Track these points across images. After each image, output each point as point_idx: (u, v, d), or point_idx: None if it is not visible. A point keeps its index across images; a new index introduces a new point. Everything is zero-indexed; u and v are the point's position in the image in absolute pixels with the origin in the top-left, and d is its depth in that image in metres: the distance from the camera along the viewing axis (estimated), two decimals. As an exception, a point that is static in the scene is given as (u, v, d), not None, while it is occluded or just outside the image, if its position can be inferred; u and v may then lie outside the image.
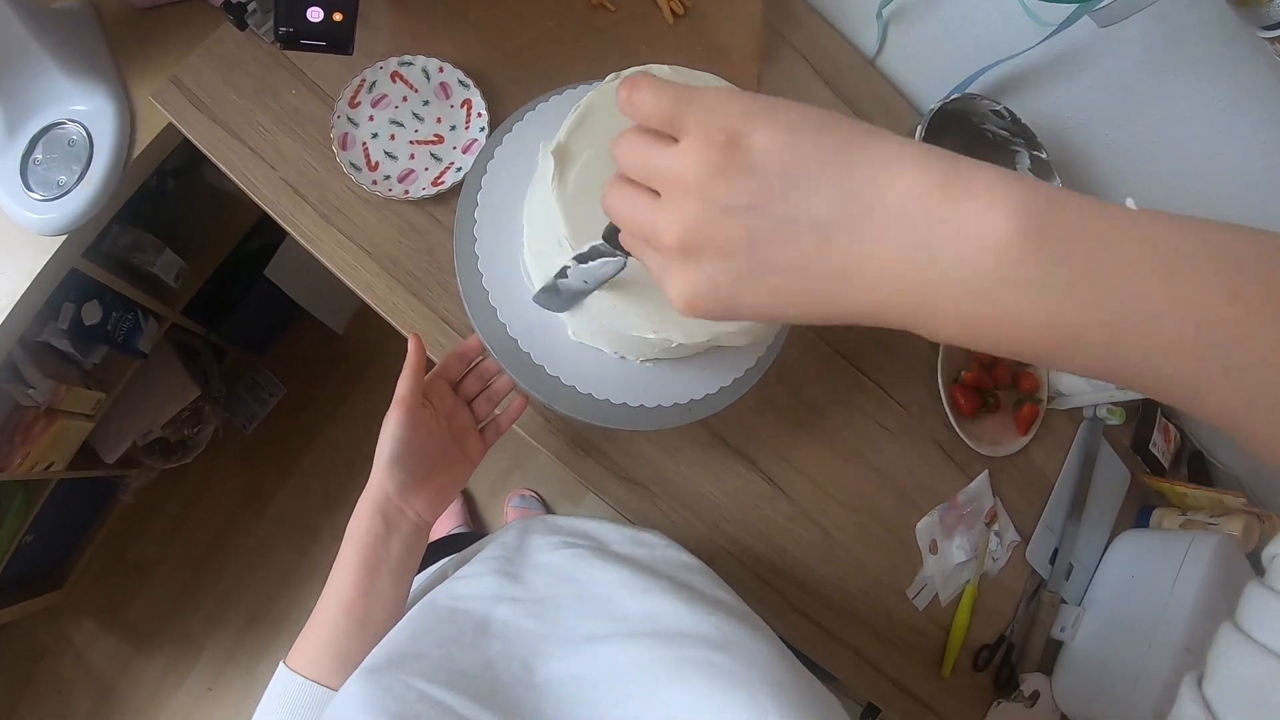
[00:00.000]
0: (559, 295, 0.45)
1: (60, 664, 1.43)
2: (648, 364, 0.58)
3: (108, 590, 1.45)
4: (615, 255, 0.37)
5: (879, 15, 0.81)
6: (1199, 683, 0.27)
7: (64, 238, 0.75)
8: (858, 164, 0.24)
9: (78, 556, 1.44)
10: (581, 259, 0.39)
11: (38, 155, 0.74)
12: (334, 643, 0.43)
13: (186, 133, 0.65)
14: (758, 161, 0.25)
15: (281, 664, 0.43)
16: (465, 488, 1.52)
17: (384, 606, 0.45)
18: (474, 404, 0.56)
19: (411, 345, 0.51)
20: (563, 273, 0.42)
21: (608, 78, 0.52)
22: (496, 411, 0.58)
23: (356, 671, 0.35)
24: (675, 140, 0.27)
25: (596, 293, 0.45)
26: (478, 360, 0.57)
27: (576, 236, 0.47)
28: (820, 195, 0.24)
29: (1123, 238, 0.23)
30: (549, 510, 1.50)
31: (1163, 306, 0.22)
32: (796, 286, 0.26)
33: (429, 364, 0.54)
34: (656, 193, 0.27)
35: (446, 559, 0.57)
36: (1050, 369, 0.24)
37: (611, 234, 0.36)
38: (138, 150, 0.75)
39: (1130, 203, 0.20)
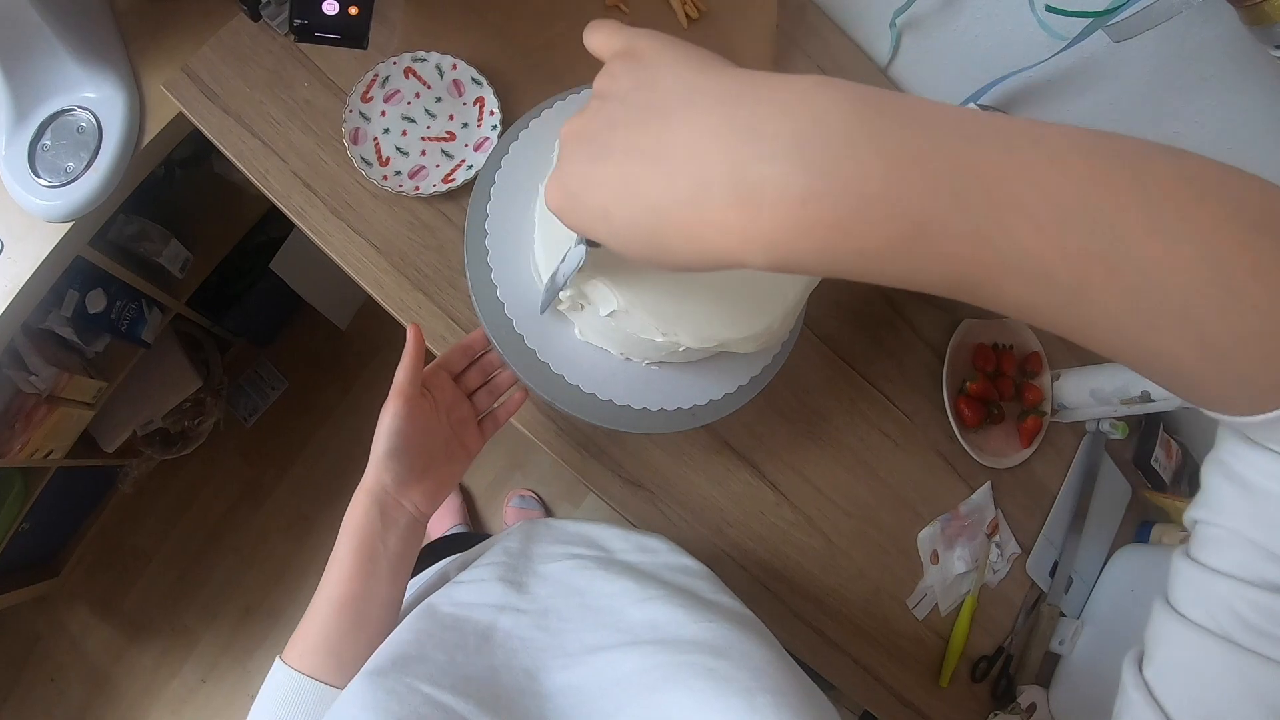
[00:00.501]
0: (551, 286, 0.45)
1: (55, 652, 1.42)
2: (653, 367, 0.58)
3: (104, 580, 1.45)
4: (579, 244, 0.38)
5: (892, 24, 0.81)
6: (1139, 664, 0.27)
7: (70, 225, 0.75)
8: (711, 73, 0.25)
9: (75, 545, 1.44)
10: (580, 243, 0.40)
11: (46, 141, 0.74)
12: (329, 638, 0.43)
13: (198, 123, 0.65)
14: (640, 67, 0.27)
15: (278, 659, 0.43)
16: (464, 487, 1.52)
17: (380, 601, 0.45)
18: (474, 397, 0.56)
19: (411, 335, 0.51)
20: (563, 258, 0.43)
21: None
22: (495, 406, 0.57)
23: (360, 673, 0.35)
24: None
25: (605, 294, 0.45)
26: (481, 353, 0.57)
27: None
28: (667, 92, 0.26)
29: (969, 122, 0.21)
30: (548, 511, 1.50)
31: (1019, 185, 0.20)
32: (625, 172, 0.25)
33: (429, 355, 0.53)
34: None
35: (448, 560, 0.57)
36: (909, 284, 0.22)
37: None
38: (146, 139, 0.75)
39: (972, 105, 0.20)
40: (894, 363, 0.81)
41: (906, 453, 0.80)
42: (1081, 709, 0.82)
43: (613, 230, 0.27)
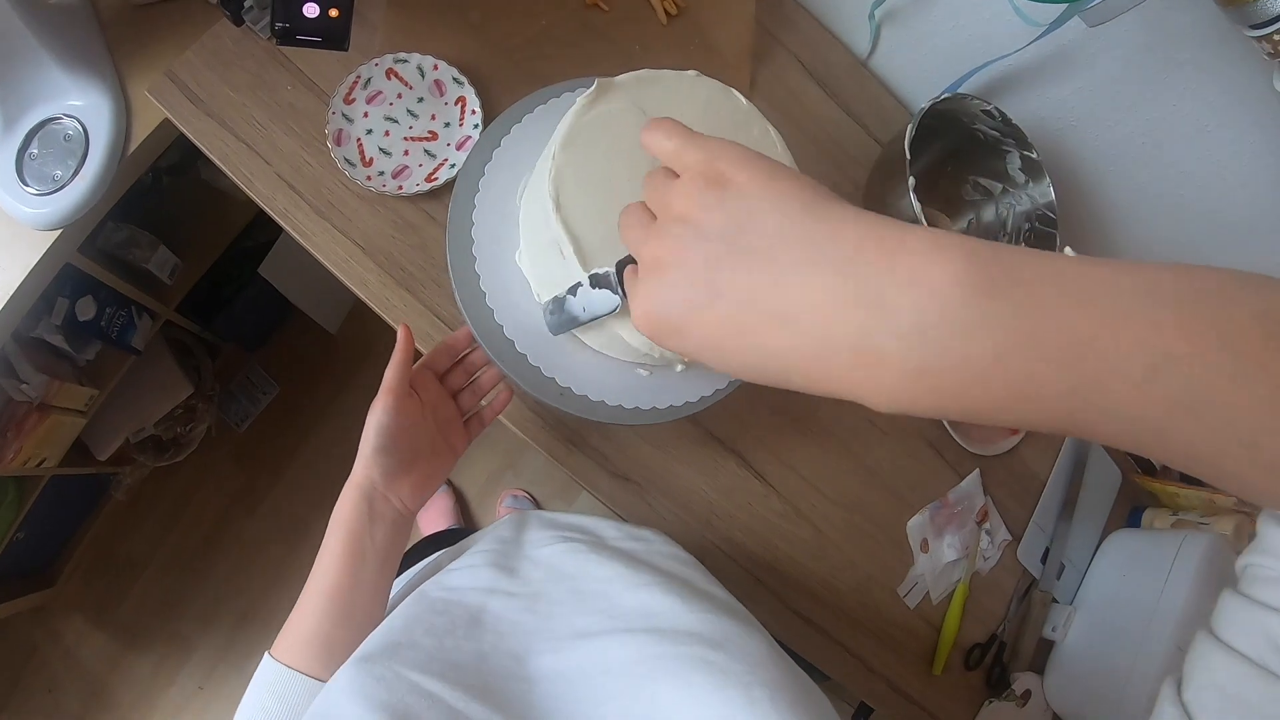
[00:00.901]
0: (561, 313, 0.44)
1: (50, 662, 1.42)
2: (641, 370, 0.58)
3: (99, 588, 1.45)
4: (616, 293, 0.38)
5: (871, 16, 0.81)
6: (1178, 688, 0.27)
7: (59, 232, 0.75)
8: (817, 218, 0.26)
9: (69, 554, 1.43)
10: (594, 282, 0.40)
11: (33, 150, 0.74)
12: (319, 632, 0.43)
13: (182, 127, 0.65)
14: (734, 198, 0.27)
15: (267, 654, 0.43)
16: (457, 487, 1.52)
17: (369, 595, 0.45)
18: (459, 396, 0.57)
19: (400, 335, 0.52)
20: (574, 290, 0.42)
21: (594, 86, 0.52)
22: (482, 404, 0.58)
23: (349, 660, 0.35)
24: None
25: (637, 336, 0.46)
26: (465, 353, 0.58)
27: (579, 252, 0.47)
28: (776, 238, 0.26)
29: (1067, 282, 0.23)
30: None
31: (1113, 346, 0.22)
32: (741, 320, 0.26)
33: (417, 355, 0.54)
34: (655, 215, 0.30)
35: (440, 552, 0.57)
36: (1009, 425, 0.25)
37: (622, 267, 0.37)
38: (133, 146, 0.75)
39: (1069, 251, 0.21)
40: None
41: (894, 441, 0.81)
42: (1076, 694, 0.82)
43: (723, 364, 0.28)
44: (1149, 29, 0.66)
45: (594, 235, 0.47)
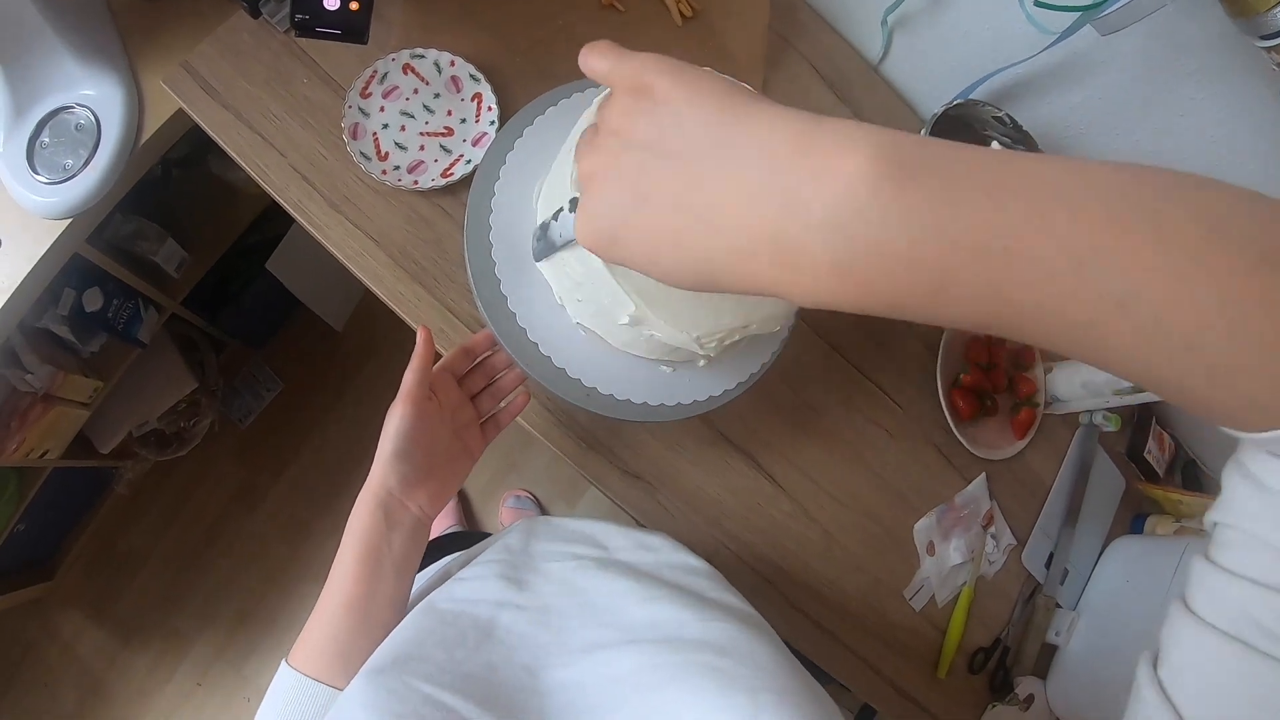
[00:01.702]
0: (545, 240, 0.45)
1: (48, 657, 1.41)
2: (664, 367, 0.59)
3: (98, 582, 1.44)
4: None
5: (884, 22, 0.82)
6: (1154, 664, 0.27)
7: (68, 222, 0.75)
8: (732, 116, 0.26)
9: (69, 547, 1.43)
10: (572, 207, 0.40)
11: (45, 139, 0.74)
12: (336, 640, 0.43)
13: (197, 118, 0.65)
14: (658, 107, 0.27)
15: (283, 662, 0.43)
16: (460, 488, 1.52)
17: (386, 603, 0.45)
18: (477, 400, 0.56)
19: (420, 337, 0.51)
20: (556, 215, 0.43)
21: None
22: (499, 407, 0.57)
23: (360, 672, 0.35)
24: None
25: (622, 299, 0.46)
26: (484, 355, 0.57)
27: None
28: (698, 140, 0.26)
29: (987, 172, 0.22)
30: (543, 511, 1.50)
31: (1036, 237, 0.21)
32: (668, 224, 0.27)
33: (435, 357, 0.54)
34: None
35: (449, 557, 0.57)
36: (939, 323, 0.24)
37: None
38: (145, 137, 0.75)
39: (995, 144, 0.20)
40: (888, 355, 0.82)
41: (901, 445, 0.81)
42: (1078, 699, 0.82)
43: (660, 272, 0.28)
44: (1159, 38, 0.66)
45: None
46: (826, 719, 0.30)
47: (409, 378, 0.49)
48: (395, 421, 0.47)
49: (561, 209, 0.42)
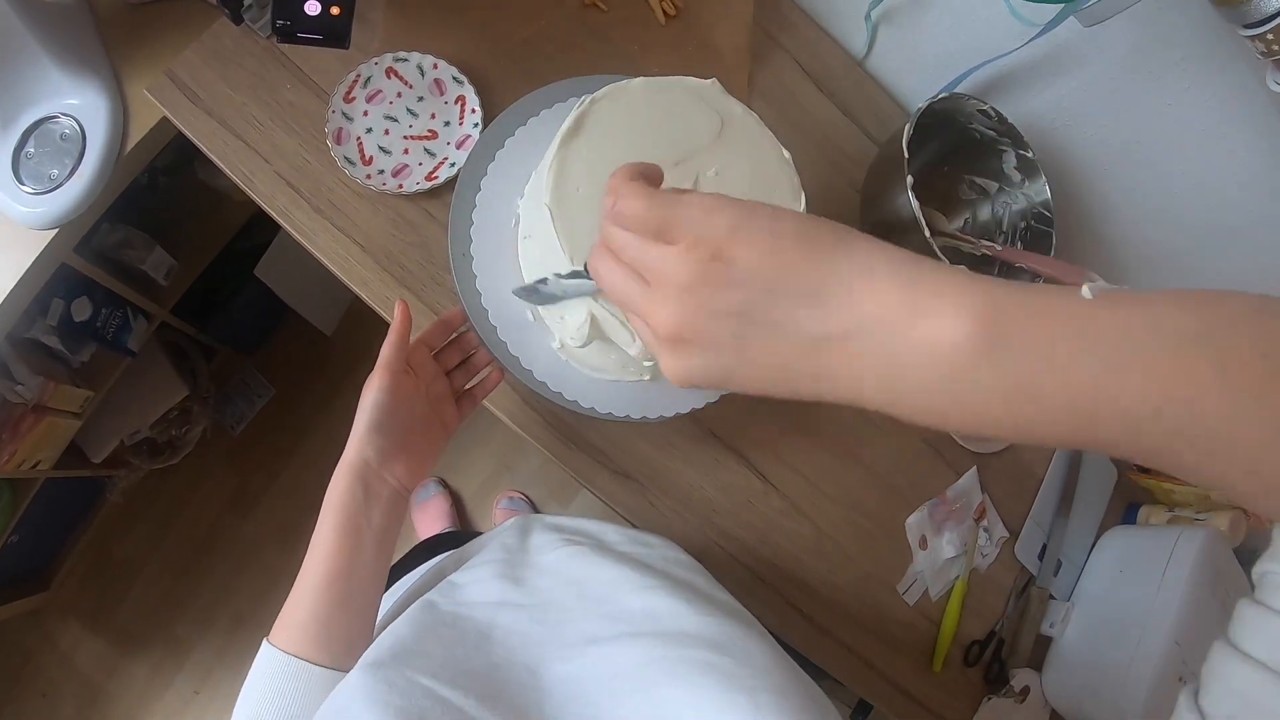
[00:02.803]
0: (537, 294, 0.46)
1: (46, 667, 1.41)
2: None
3: (94, 591, 1.44)
4: (595, 282, 0.39)
5: (868, 18, 0.82)
6: (1195, 695, 0.28)
7: (55, 232, 0.75)
8: (830, 277, 0.27)
9: (64, 557, 1.42)
10: (568, 276, 0.42)
11: (30, 149, 0.74)
12: (316, 616, 0.43)
13: (181, 126, 0.65)
14: (742, 275, 0.28)
15: (265, 641, 0.43)
16: (454, 490, 1.52)
17: (367, 576, 0.45)
18: (452, 375, 0.57)
19: (398, 311, 0.51)
20: (543, 280, 0.44)
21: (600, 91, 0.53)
22: (473, 383, 0.58)
23: (358, 665, 0.35)
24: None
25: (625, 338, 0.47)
26: (460, 330, 0.57)
27: (574, 252, 0.48)
28: (802, 308, 0.27)
29: (1072, 332, 0.25)
30: (537, 512, 1.50)
31: (1116, 395, 0.24)
32: (782, 380, 0.29)
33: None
34: (643, 276, 0.31)
35: (443, 555, 0.57)
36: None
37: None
38: (130, 145, 0.75)
39: (1086, 291, 0.22)
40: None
41: (892, 439, 0.81)
42: (1073, 690, 0.82)
43: (769, 396, 0.30)
44: (1143, 29, 0.66)
45: (582, 231, 0.48)
46: (824, 719, 0.31)
47: (386, 350, 0.49)
48: (373, 393, 0.47)
49: (546, 278, 0.43)
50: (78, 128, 0.74)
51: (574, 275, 0.42)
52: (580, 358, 0.57)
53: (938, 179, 0.83)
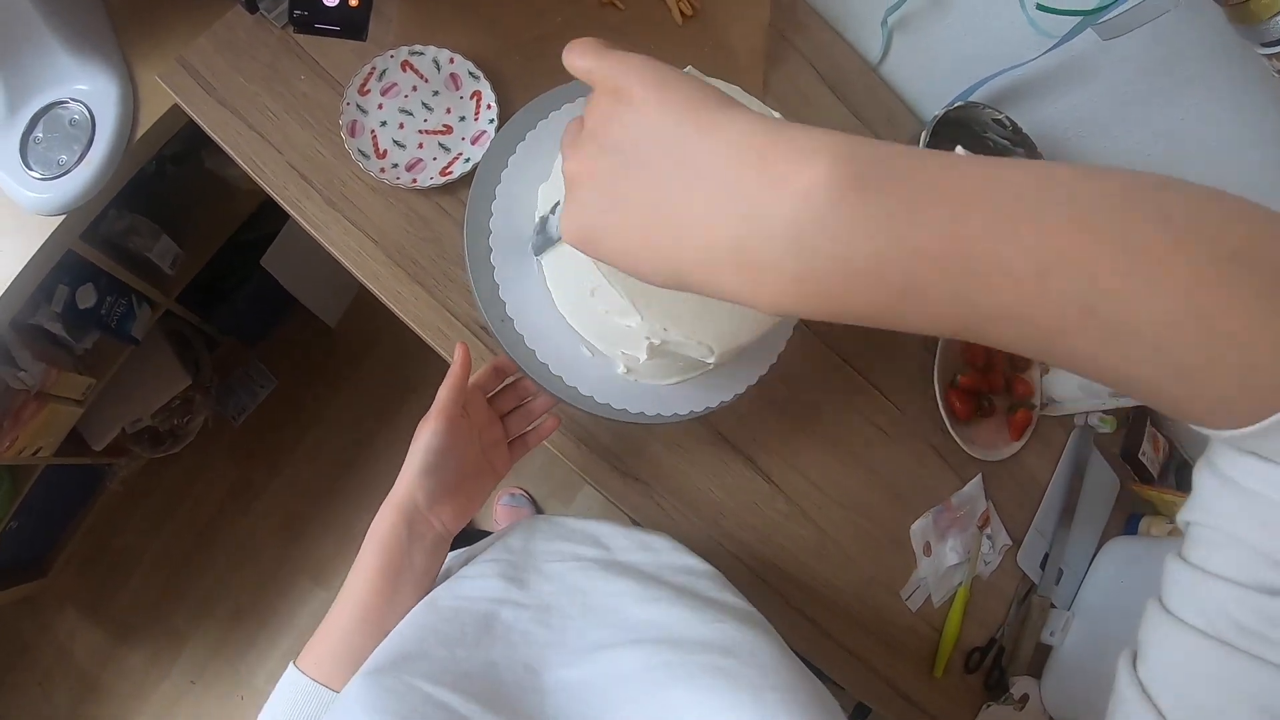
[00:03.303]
0: (544, 234, 0.46)
1: (42, 656, 1.41)
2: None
3: (92, 580, 1.44)
4: None
5: (884, 24, 0.82)
6: (1133, 661, 0.27)
7: (61, 218, 0.75)
8: (695, 125, 0.26)
9: (63, 545, 1.42)
10: (555, 211, 0.41)
11: (38, 134, 0.73)
12: (349, 648, 0.42)
13: (194, 115, 0.65)
14: (632, 114, 0.27)
15: (291, 665, 0.42)
16: (482, 505, 1.51)
17: (401, 614, 0.44)
18: (507, 419, 0.56)
19: (458, 354, 0.51)
20: (554, 209, 0.44)
21: None
22: (528, 429, 0.57)
23: (359, 672, 0.35)
24: None
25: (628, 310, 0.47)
26: (514, 377, 0.57)
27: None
28: (665, 149, 0.26)
29: (950, 180, 0.22)
30: (538, 509, 1.50)
31: (1000, 246, 0.21)
32: (640, 228, 0.27)
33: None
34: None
35: (450, 554, 0.57)
36: (907, 330, 0.25)
37: None
38: (139, 133, 0.75)
39: (959, 149, 0.20)
40: (886, 357, 0.82)
41: (898, 445, 0.81)
42: (1072, 699, 0.83)
43: (637, 271, 0.28)
44: (1161, 44, 0.67)
45: None
46: (831, 717, 0.31)
47: (443, 394, 0.49)
48: (426, 436, 0.47)
49: (559, 204, 0.43)
50: (87, 114, 0.73)
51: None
52: (643, 370, 0.56)
53: (950, 186, 0.83)
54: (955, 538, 0.83)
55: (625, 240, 0.28)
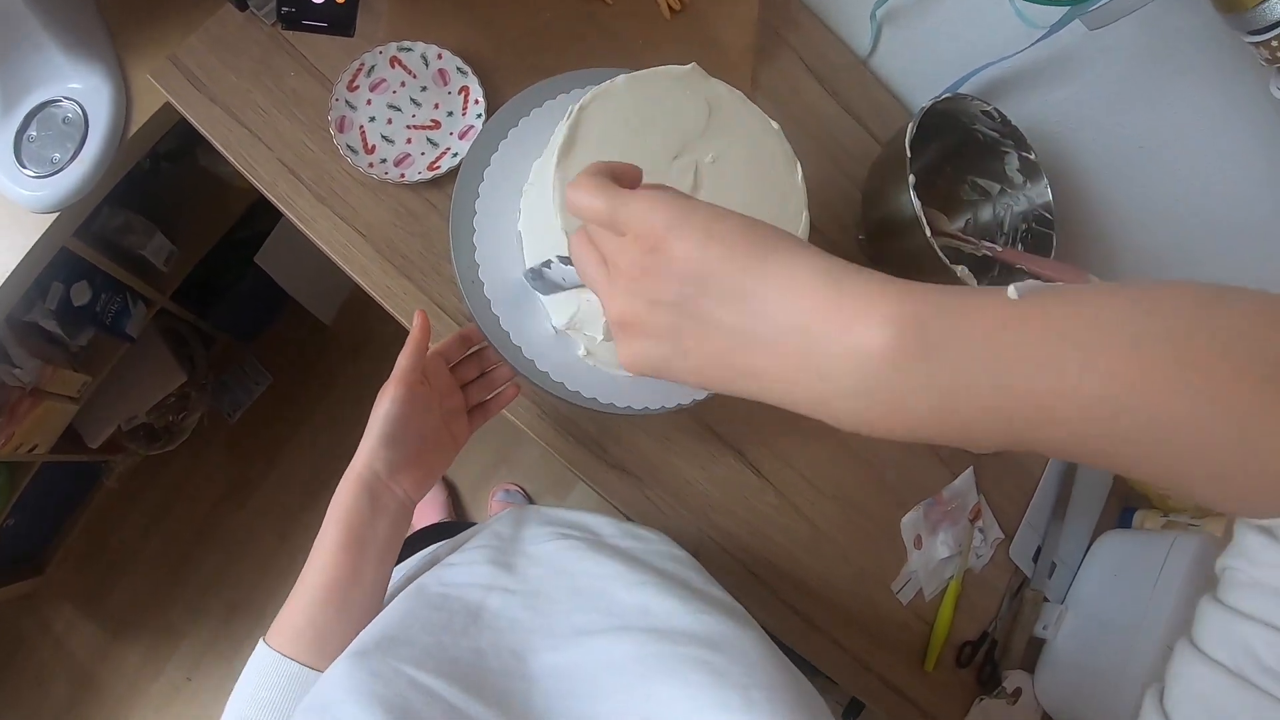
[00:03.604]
0: (543, 280, 0.47)
1: (39, 652, 1.41)
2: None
3: (88, 577, 1.44)
4: None
5: (873, 17, 0.82)
6: (1160, 696, 0.28)
7: (55, 216, 0.75)
8: (757, 280, 0.28)
9: (59, 542, 1.42)
10: (564, 260, 0.42)
11: (32, 132, 0.74)
12: (314, 621, 0.43)
13: (185, 112, 0.65)
14: (678, 268, 0.29)
15: (261, 641, 0.43)
16: (450, 481, 1.52)
17: (367, 586, 0.45)
18: (468, 389, 0.56)
19: (417, 321, 0.51)
20: (547, 263, 0.44)
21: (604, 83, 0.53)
22: (488, 397, 0.58)
23: (343, 654, 0.35)
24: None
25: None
26: (479, 345, 0.57)
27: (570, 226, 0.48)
28: (728, 306, 0.28)
29: (1005, 335, 0.24)
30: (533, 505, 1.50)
31: (1055, 401, 0.23)
32: (717, 372, 0.30)
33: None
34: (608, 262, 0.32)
35: (438, 544, 0.57)
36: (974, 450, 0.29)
37: None
38: (133, 130, 0.75)
39: (1011, 291, 0.22)
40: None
41: (890, 440, 0.81)
42: (1065, 693, 0.83)
43: (709, 389, 0.31)
44: (1148, 33, 0.67)
45: None
46: (816, 717, 0.31)
47: (403, 360, 0.49)
48: (386, 404, 0.47)
49: (551, 260, 0.44)
50: (80, 112, 0.74)
51: (567, 261, 0.42)
52: (600, 355, 0.57)
53: (940, 179, 0.83)
54: (946, 531, 0.83)
55: (700, 378, 0.30)
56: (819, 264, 0.28)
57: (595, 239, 0.32)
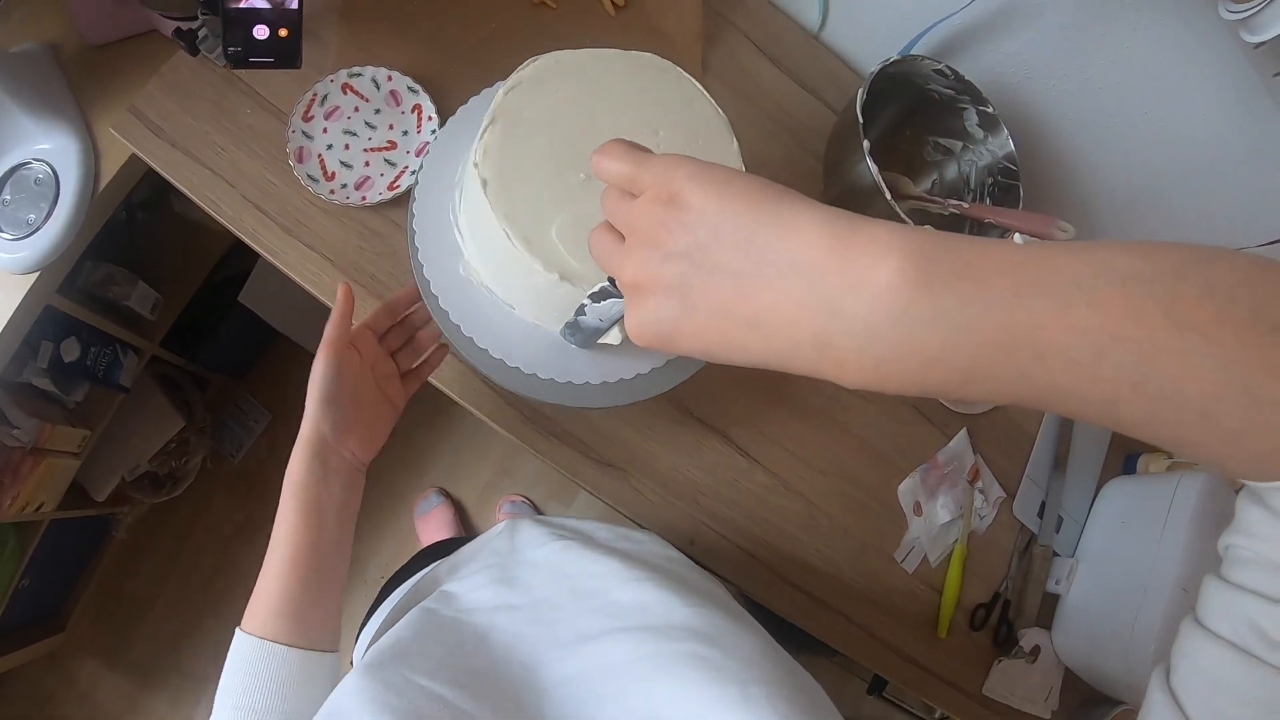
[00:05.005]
0: (581, 332, 0.46)
1: (66, 708, 1.42)
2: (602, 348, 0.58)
3: (109, 629, 1.45)
4: (620, 295, 0.40)
5: (819, -10, 0.82)
6: (1166, 674, 0.28)
7: (37, 275, 0.76)
8: (767, 224, 0.28)
9: (76, 597, 1.43)
10: (594, 298, 0.41)
11: (6, 196, 0.75)
12: (286, 597, 0.44)
13: (148, 159, 0.66)
14: (693, 218, 0.29)
15: (238, 631, 0.43)
16: (455, 498, 1.52)
17: (331, 551, 0.46)
18: (397, 355, 0.59)
19: (340, 293, 0.54)
20: (581, 310, 0.44)
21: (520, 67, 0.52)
22: (418, 363, 0.60)
23: (356, 666, 0.35)
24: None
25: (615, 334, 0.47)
26: (404, 314, 0.59)
27: (512, 224, 0.48)
28: (737, 251, 0.28)
29: (1012, 271, 0.25)
30: (540, 514, 1.50)
31: (1060, 334, 0.24)
32: (720, 328, 0.29)
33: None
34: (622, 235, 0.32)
35: (436, 564, 0.57)
36: (975, 400, 0.27)
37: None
38: (103, 183, 0.76)
39: (1018, 238, 0.22)
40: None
41: (877, 406, 0.81)
42: (1084, 645, 0.82)
43: (715, 360, 0.31)
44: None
45: (528, 217, 0.48)
46: (815, 709, 0.31)
47: (328, 329, 0.52)
48: (319, 369, 0.50)
49: (584, 304, 0.43)
50: (51, 171, 0.75)
51: (602, 294, 0.41)
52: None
53: (901, 143, 0.83)
54: (946, 494, 0.82)
55: (705, 340, 0.30)
56: (829, 210, 0.28)
57: (616, 211, 0.33)
